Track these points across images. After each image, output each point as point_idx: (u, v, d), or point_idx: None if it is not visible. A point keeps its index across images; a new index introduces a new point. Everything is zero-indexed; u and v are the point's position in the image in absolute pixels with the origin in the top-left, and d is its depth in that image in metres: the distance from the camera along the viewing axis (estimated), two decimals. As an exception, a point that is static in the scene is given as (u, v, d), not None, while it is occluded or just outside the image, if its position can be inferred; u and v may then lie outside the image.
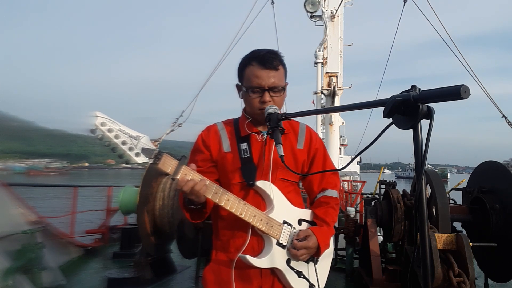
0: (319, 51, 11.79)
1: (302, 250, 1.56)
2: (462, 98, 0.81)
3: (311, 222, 1.69)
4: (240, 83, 1.68)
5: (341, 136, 20.10)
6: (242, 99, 1.69)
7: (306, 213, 1.71)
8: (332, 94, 7.73)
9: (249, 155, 1.63)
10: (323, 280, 1.68)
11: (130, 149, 6.82)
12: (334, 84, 7.68)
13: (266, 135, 1.63)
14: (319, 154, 1.77)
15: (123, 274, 4.75)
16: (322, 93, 8.48)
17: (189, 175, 1.41)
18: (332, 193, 1.76)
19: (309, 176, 1.76)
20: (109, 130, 6.73)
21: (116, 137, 6.80)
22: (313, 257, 1.65)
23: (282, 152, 1.41)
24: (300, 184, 1.84)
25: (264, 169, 1.62)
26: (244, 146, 1.64)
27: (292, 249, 1.56)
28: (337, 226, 5.57)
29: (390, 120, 0.96)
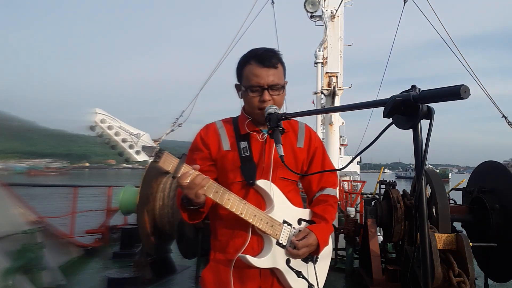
0: (319, 51, 11.80)
1: (303, 249, 1.55)
2: (462, 98, 0.81)
3: (310, 222, 1.69)
4: (239, 83, 1.67)
5: (341, 136, 20.12)
6: (242, 99, 1.69)
7: (306, 213, 1.71)
8: (332, 94, 7.71)
9: (249, 153, 1.62)
10: (322, 281, 1.68)
11: (131, 146, 6.75)
12: (334, 84, 7.66)
13: (266, 134, 1.62)
14: (318, 153, 1.77)
15: (123, 274, 4.74)
16: (322, 93, 8.47)
17: (189, 173, 1.40)
18: (331, 191, 1.76)
19: (308, 176, 1.76)
20: (109, 127, 6.65)
21: (116, 134, 6.72)
22: (313, 256, 1.64)
23: (282, 152, 1.41)
24: (299, 183, 1.84)
25: (265, 168, 1.61)
26: (243, 144, 1.63)
27: (292, 249, 1.55)
28: (337, 226, 5.57)
29: (390, 120, 0.96)
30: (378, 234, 4.96)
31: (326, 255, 1.71)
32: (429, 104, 0.89)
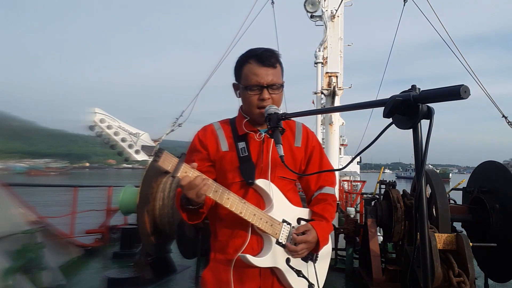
0: (319, 51, 11.79)
1: (302, 244, 1.56)
2: (462, 98, 0.81)
3: (310, 221, 1.69)
4: (237, 82, 1.67)
5: (341, 136, 20.13)
6: (240, 98, 1.69)
7: (305, 212, 1.71)
8: (332, 94, 7.72)
9: (247, 154, 1.62)
10: (322, 280, 1.68)
11: (130, 146, 6.68)
12: (334, 84, 7.66)
13: (263, 134, 1.63)
14: (315, 152, 1.77)
15: (123, 274, 4.74)
16: (322, 93, 8.47)
17: (189, 173, 1.40)
18: (330, 190, 1.77)
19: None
20: (109, 127, 6.57)
21: (116, 134, 6.64)
22: (312, 255, 1.65)
23: (282, 152, 1.41)
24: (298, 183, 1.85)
25: (263, 168, 1.62)
26: (241, 145, 1.64)
27: (290, 245, 1.55)
28: (337, 226, 5.56)
29: (390, 120, 0.96)
30: (378, 234, 4.95)
31: (325, 254, 1.72)
32: (429, 104, 0.89)
